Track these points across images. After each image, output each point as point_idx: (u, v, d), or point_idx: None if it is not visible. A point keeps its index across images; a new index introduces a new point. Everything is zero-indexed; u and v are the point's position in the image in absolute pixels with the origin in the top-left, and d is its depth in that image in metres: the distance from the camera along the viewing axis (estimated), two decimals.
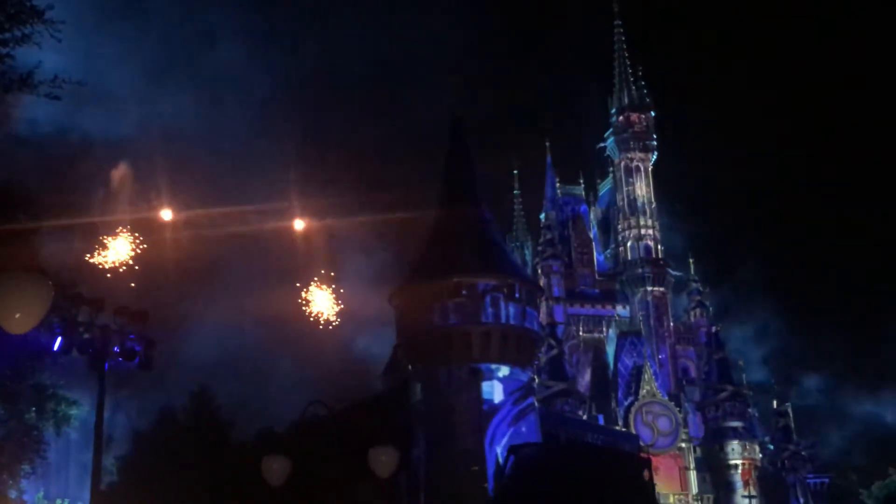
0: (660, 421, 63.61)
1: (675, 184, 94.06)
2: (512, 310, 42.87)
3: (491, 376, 42.26)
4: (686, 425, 65.28)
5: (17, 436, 22.65)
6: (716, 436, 65.85)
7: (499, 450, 40.68)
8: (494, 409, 41.84)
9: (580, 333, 69.76)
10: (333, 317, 34.50)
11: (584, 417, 59.84)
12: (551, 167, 77.66)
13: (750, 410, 68.41)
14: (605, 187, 79.81)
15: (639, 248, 73.96)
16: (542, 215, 75.78)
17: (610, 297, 72.70)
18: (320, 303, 34.32)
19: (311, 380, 53.20)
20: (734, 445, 65.43)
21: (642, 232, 74.48)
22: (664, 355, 70.57)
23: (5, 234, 16.99)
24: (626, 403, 64.34)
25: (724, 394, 66.43)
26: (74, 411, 24.54)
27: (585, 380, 67.31)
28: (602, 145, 78.94)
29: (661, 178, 77.78)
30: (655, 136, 77.26)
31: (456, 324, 42.07)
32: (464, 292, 42.30)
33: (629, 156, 76.56)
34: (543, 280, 67.57)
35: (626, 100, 77.78)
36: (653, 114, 77.58)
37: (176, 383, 39.15)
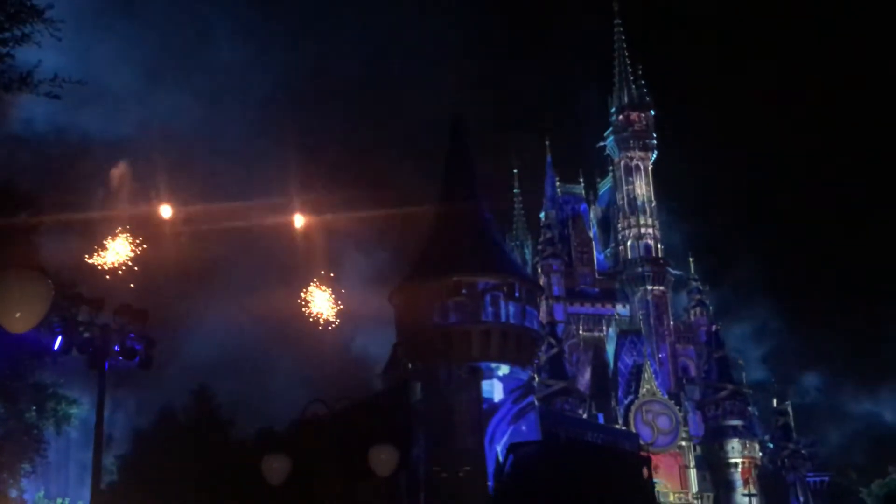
0: (660, 419, 63.63)
1: (674, 183, 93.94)
2: (512, 309, 42.87)
3: (491, 375, 42.26)
4: (686, 424, 65.29)
5: (17, 435, 22.67)
6: (716, 434, 65.85)
7: (499, 448, 40.70)
8: (494, 407, 41.84)
9: (580, 332, 69.77)
10: (333, 317, 34.54)
11: (584, 416, 59.83)
12: (551, 166, 77.66)
13: (750, 409, 68.40)
14: (605, 186, 79.80)
15: (639, 246, 73.96)
16: (542, 214, 75.79)
17: (610, 296, 72.70)
18: (320, 303, 34.37)
19: (311, 379, 53.24)
20: (734, 444, 65.43)
21: (642, 231, 74.47)
22: (664, 354, 70.59)
23: (5, 233, 17.00)
24: (626, 402, 64.34)
25: (724, 392, 66.43)
26: (74, 410, 24.57)
27: (585, 378, 67.32)
28: (602, 144, 78.93)
29: (660, 177, 77.88)
30: (655, 135, 77.24)
31: (456, 322, 42.06)
32: (464, 291, 42.30)
33: (629, 155, 76.55)
34: (543, 279, 67.57)
35: (625, 99, 77.75)
36: (653, 113, 77.57)
37: (176, 382, 39.18)
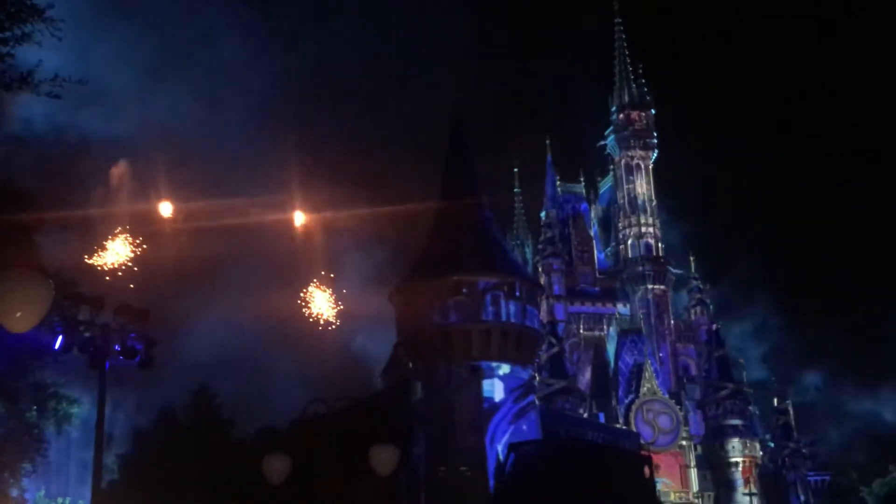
0: (660, 419, 63.62)
1: (675, 182, 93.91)
2: (512, 308, 42.86)
3: (491, 374, 42.25)
4: (686, 423, 65.27)
5: (18, 434, 22.68)
6: (716, 433, 65.83)
7: (499, 448, 40.69)
8: (495, 407, 41.83)
9: (581, 331, 69.77)
10: (333, 318, 34.57)
11: (585, 415, 59.82)
12: (552, 165, 77.65)
13: (750, 408, 68.40)
14: (606, 185, 79.79)
15: (639, 245, 73.96)
16: (543, 213, 75.78)
17: (610, 295, 72.70)
18: (320, 304, 34.40)
19: (311, 379, 53.18)
20: (735, 443, 65.42)
21: (643, 230, 74.46)
22: (665, 353, 70.59)
23: (6, 232, 16.98)
24: (627, 401, 64.33)
25: (725, 392, 66.41)
26: (75, 410, 24.57)
27: (586, 378, 67.31)
28: (602, 143, 78.91)
29: (661, 175, 77.86)
30: (656, 134, 77.22)
31: (456, 322, 42.05)
32: (464, 290, 42.29)
33: (629, 154, 76.54)
34: (544, 278, 67.57)
35: (626, 98, 77.72)
36: (653, 112, 77.53)
37: (176, 382, 39.15)
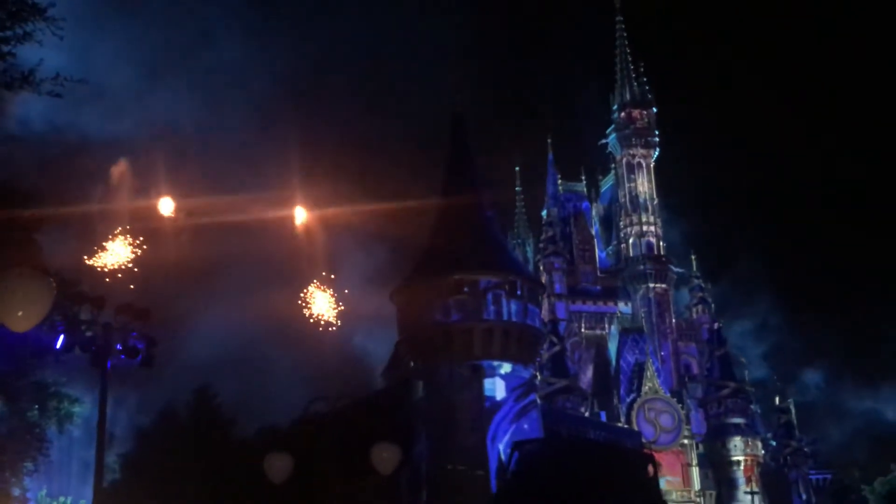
0: (662, 417, 63.59)
1: (676, 180, 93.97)
2: (514, 307, 42.83)
3: (493, 373, 42.21)
4: (688, 422, 65.21)
5: (19, 433, 22.70)
6: (718, 432, 65.78)
7: (501, 447, 40.67)
8: (496, 406, 41.80)
9: (582, 330, 69.72)
10: (334, 319, 34.52)
11: (587, 414, 59.79)
12: (553, 164, 77.59)
13: (752, 407, 68.35)
14: (607, 184, 79.69)
15: (641, 244, 73.89)
16: (544, 212, 75.73)
17: (612, 294, 72.63)
18: (320, 305, 34.34)
19: (312, 378, 53.15)
20: (736, 442, 65.35)
21: (644, 228, 74.38)
22: (666, 352, 70.52)
23: (7, 231, 16.98)
24: (629, 400, 64.29)
25: (727, 390, 66.34)
26: (77, 409, 24.58)
27: (587, 377, 67.29)
28: (604, 142, 78.85)
29: (663, 174, 77.79)
30: (657, 133, 77.14)
31: (457, 321, 42.01)
32: (465, 289, 42.25)
33: (631, 152, 76.44)
34: (545, 277, 67.52)
35: (627, 96, 77.61)
36: (654, 110, 77.42)
37: (177, 381, 39.09)
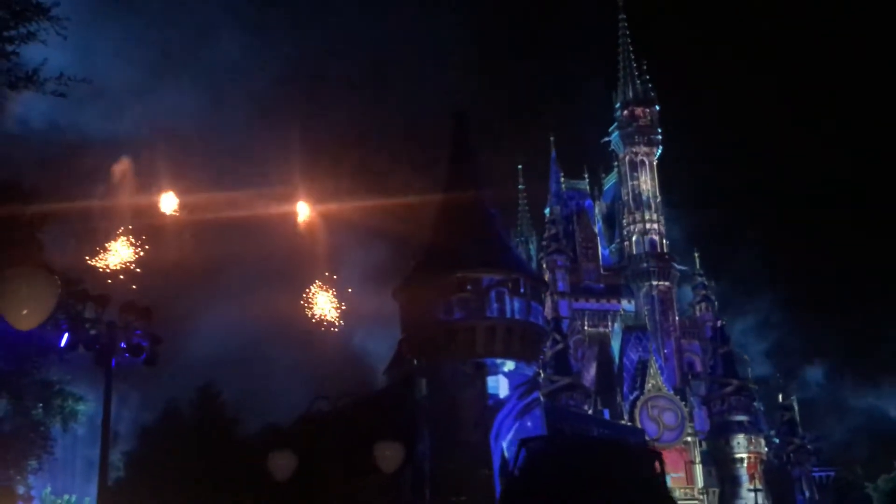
0: (665, 415, 63.58)
1: (679, 178, 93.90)
2: (517, 304, 42.86)
3: (496, 371, 42.25)
4: (691, 419, 65.20)
5: (24, 432, 22.76)
6: (721, 430, 65.76)
7: (504, 444, 40.70)
8: (500, 403, 41.84)
9: (585, 328, 69.75)
10: (335, 319, 34.58)
11: (590, 412, 59.84)
12: (556, 162, 77.65)
13: (755, 404, 68.33)
14: (610, 182, 79.69)
15: (644, 242, 73.88)
16: (547, 210, 75.77)
17: (615, 292, 72.64)
18: (322, 305, 34.41)
19: (315, 376, 53.20)
20: (740, 439, 65.33)
21: (647, 226, 74.36)
22: (669, 349, 70.55)
23: (11, 230, 17.04)
24: (632, 398, 64.30)
25: (730, 388, 66.30)
26: (81, 407, 24.63)
27: (591, 374, 67.33)
28: (607, 139, 78.85)
29: (665, 172, 77.78)
30: (660, 131, 77.09)
31: (460, 319, 42.06)
32: (468, 287, 42.29)
33: (634, 150, 76.42)
34: (548, 275, 67.53)
35: (630, 94, 77.56)
36: (657, 108, 77.40)
37: (179, 379, 39.13)
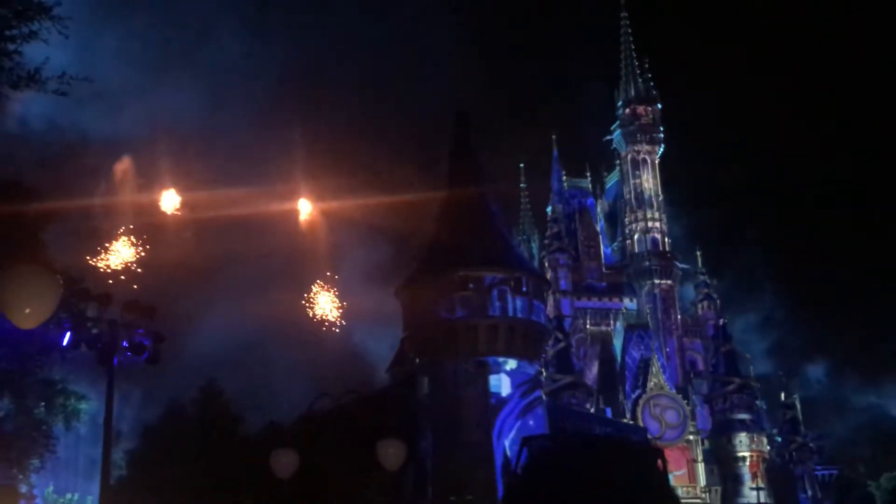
0: (667, 413, 63.55)
1: (681, 176, 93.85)
2: (519, 303, 42.87)
3: (498, 369, 42.27)
4: (694, 418, 65.19)
5: (26, 430, 22.76)
6: (723, 428, 65.73)
7: (506, 443, 40.72)
8: (502, 402, 41.86)
9: (587, 326, 69.72)
10: (337, 318, 34.58)
11: (592, 410, 59.84)
12: (557, 160, 77.64)
13: (757, 402, 68.29)
14: (612, 180, 79.66)
15: (646, 240, 73.84)
16: (549, 208, 75.78)
17: (617, 290, 72.61)
18: (323, 305, 34.40)
19: (318, 374, 53.26)
20: (742, 438, 65.29)
21: (649, 225, 74.33)
22: (671, 348, 70.51)
23: (12, 229, 17.05)
24: (634, 396, 64.29)
25: (732, 386, 66.27)
26: (83, 406, 24.63)
27: (593, 373, 67.31)
28: (608, 138, 78.79)
29: (667, 170, 77.73)
30: (662, 129, 77.04)
31: (462, 317, 42.08)
32: (470, 286, 42.31)
33: (636, 148, 76.38)
34: (550, 273, 67.51)
35: (632, 92, 77.52)
36: (659, 106, 77.36)
37: (182, 378, 39.16)
